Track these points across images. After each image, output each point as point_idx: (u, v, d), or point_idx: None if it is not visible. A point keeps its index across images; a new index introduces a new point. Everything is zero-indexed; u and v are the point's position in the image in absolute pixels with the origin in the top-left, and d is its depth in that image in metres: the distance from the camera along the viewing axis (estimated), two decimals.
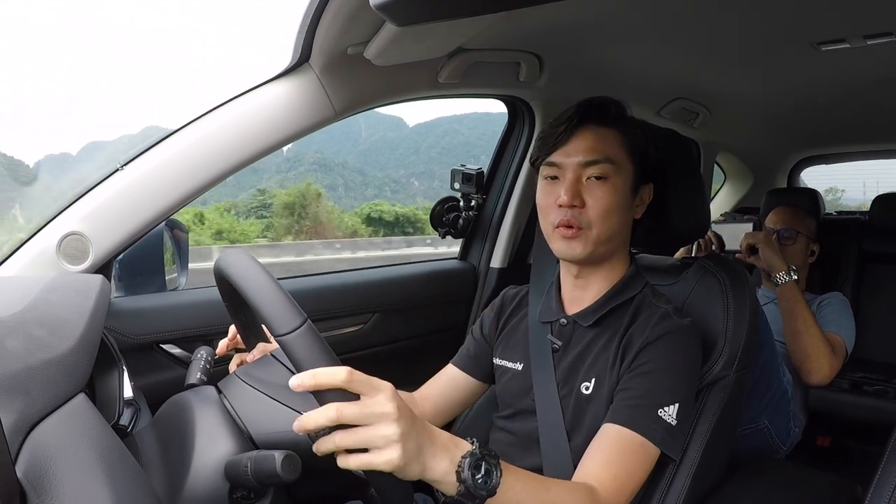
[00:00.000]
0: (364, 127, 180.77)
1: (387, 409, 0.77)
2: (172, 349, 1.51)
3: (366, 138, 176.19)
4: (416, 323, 2.06)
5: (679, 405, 1.11)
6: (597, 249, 1.20)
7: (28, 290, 0.97)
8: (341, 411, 0.76)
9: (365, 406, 0.77)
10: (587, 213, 1.18)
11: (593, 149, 1.18)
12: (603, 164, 1.18)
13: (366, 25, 1.30)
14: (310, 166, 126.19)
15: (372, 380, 0.79)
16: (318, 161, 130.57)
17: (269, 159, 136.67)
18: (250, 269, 0.87)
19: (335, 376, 0.76)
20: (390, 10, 0.75)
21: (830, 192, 12.67)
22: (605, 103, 1.23)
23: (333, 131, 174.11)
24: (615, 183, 1.18)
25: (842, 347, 2.08)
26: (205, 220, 24.93)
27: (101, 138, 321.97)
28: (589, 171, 1.18)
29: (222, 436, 0.95)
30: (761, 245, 2.04)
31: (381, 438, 0.77)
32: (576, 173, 1.18)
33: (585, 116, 1.21)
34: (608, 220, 1.18)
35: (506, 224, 2.20)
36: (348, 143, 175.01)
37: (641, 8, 1.49)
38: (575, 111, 1.21)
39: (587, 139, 1.19)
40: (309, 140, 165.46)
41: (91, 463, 0.73)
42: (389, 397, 0.78)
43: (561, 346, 1.28)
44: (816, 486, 1.45)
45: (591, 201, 1.18)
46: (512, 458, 1.25)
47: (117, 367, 1.07)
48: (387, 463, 0.77)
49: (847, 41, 1.66)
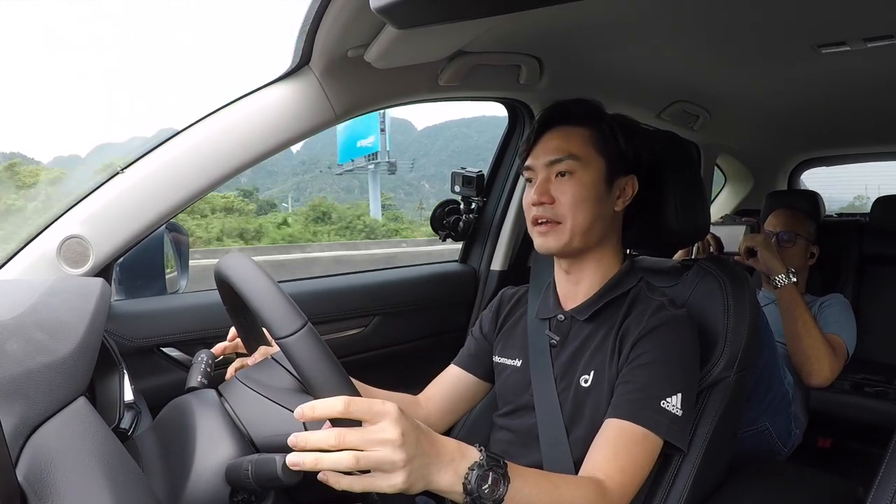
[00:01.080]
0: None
1: (390, 435, 0.77)
2: (173, 352, 1.51)
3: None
4: (416, 326, 2.06)
5: (682, 395, 1.12)
6: (573, 241, 1.23)
7: (28, 294, 0.97)
8: (342, 438, 0.76)
9: (368, 433, 0.77)
10: (558, 207, 1.23)
11: (557, 148, 1.25)
12: (567, 161, 1.23)
13: (366, 28, 1.31)
14: (326, 168, 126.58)
15: (374, 405, 0.78)
16: (334, 164, 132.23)
17: (283, 162, 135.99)
18: (250, 272, 0.87)
19: (333, 407, 0.76)
20: (391, 12, 0.75)
21: (859, 199, 12.66)
22: (567, 105, 1.29)
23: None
24: (581, 177, 1.23)
25: (842, 349, 2.08)
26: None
27: (112, 140, 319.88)
28: (555, 169, 1.24)
29: (223, 439, 0.95)
30: (759, 248, 2.04)
31: (386, 464, 0.77)
32: (545, 173, 1.25)
33: (550, 120, 1.29)
34: (579, 211, 1.22)
35: (506, 227, 2.20)
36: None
37: (641, 11, 1.49)
38: (540, 116, 1.30)
39: (553, 140, 1.26)
40: (317, 141, 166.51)
41: (92, 466, 0.73)
42: (393, 422, 0.78)
43: (559, 342, 1.29)
44: (817, 488, 1.45)
45: (560, 196, 1.23)
46: (513, 456, 1.26)
47: (118, 371, 1.07)
48: (390, 487, 0.77)
49: (847, 44, 1.66)
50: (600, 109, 1.31)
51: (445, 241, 2.21)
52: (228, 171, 1.40)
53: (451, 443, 0.86)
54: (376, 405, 0.78)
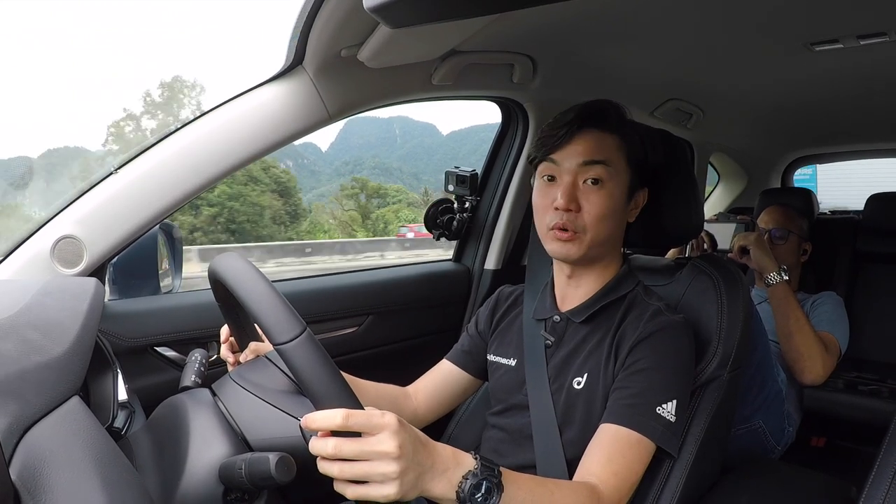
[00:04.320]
0: (399, 133, 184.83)
1: (387, 447, 0.77)
2: (167, 352, 1.51)
3: (402, 143, 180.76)
4: (410, 324, 2.06)
5: (676, 401, 1.13)
6: (590, 252, 1.22)
7: (22, 294, 0.97)
8: (339, 448, 0.77)
9: (365, 444, 0.77)
10: (583, 217, 1.19)
11: (593, 150, 1.19)
12: (601, 166, 1.19)
13: (359, 28, 1.31)
14: (371, 170, 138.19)
15: (373, 416, 0.78)
16: (378, 165, 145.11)
17: (324, 163, 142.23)
18: (247, 274, 0.87)
19: (332, 420, 0.77)
20: (384, 12, 0.75)
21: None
22: (605, 108, 1.24)
23: (370, 135, 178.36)
24: (610, 188, 1.20)
25: (835, 347, 2.09)
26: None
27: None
28: (586, 174, 1.19)
29: (216, 438, 0.94)
30: (752, 246, 2.05)
31: (379, 475, 0.78)
32: (573, 176, 1.20)
33: (586, 120, 1.22)
34: (603, 224, 1.20)
35: (500, 226, 2.20)
36: (385, 148, 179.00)
37: (634, 9, 1.49)
38: (576, 114, 1.23)
39: (587, 142, 1.20)
40: (353, 142, 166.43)
41: (85, 466, 0.73)
42: (392, 434, 0.78)
43: (554, 343, 1.29)
44: (810, 487, 1.45)
45: (587, 206, 1.19)
46: (505, 455, 1.26)
47: (111, 370, 1.07)
48: (384, 497, 0.78)
49: (840, 41, 1.66)
50: (629, 118, 1.28)
51: (439, 240, 2.21)
52: (222, 170, 1.39)
53: (447, 451, 0.87)
54: (375, 417, 0.78)
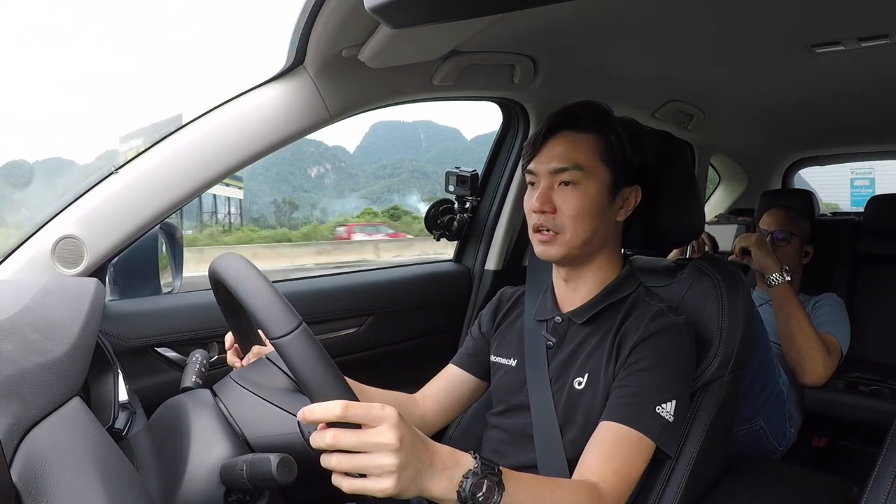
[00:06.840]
0: (424, 137, 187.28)
1: (386, 439, 0.77)
2: (167, 352, 1.51)
3: (427, 147, 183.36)
4: (411, 325, 2.06)
5: (676, 402, 1.13)
6: (572, 251, 1.23)
7: (23, 294, 0.97)
8: (338, 438, 0.77)
9: (364, 435, 0.77)
10: (560, 217, 1.22)
11: (563, 156, 1.22)
12: (572, 171, 1.21)
13: (361, 28, 1.31)
14: (410, 174, 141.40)
15: (373, 409, 0.78)
16: (417, 169, 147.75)
17: (364, 166, 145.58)
18: (245, 272, 0.87)
19: (331, 411, 0.77)
20: (385, 12, 0.75)
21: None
22: (576, 110, 1.26)
23: (396, 139, 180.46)
24: (586, 188, 1.21)
25: (837, 348, 2.09)
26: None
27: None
28: (559, 178, 1.22)
29: (218, 439, 0.94)
30: (753, 247, 2.05)
31: (378, 468, 0.77)
32: (548, 180, 1.23)
33: (557, 124, 1.25)
34: (580, 223, 1.21)
35: (500, 226, 2.20)
36: (410, 151, 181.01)
37: (635, 11, 1.49)
38: (547, 119, 1.26)
39: (559, 146, 1.23)
40: (374, 146, 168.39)
41: (86, 467, 0.73)
42: (392, 426, 0.78)
43: (555, 343, 1.29)
44: (812, 487, 1.45)
45: (563, 206, 1.22)
46: (506, 455, 1.26)
47: (112, 371, 1.07)
48: (381, 491, 0.78)
49: (841, 43, 1.66)
50: (609, 115, 1.29)
51: (439, 241, 2.21)
52: (222, 170, 1.39)
53: (446, 450, 0.87)
54: (375, 409, 0.78)
